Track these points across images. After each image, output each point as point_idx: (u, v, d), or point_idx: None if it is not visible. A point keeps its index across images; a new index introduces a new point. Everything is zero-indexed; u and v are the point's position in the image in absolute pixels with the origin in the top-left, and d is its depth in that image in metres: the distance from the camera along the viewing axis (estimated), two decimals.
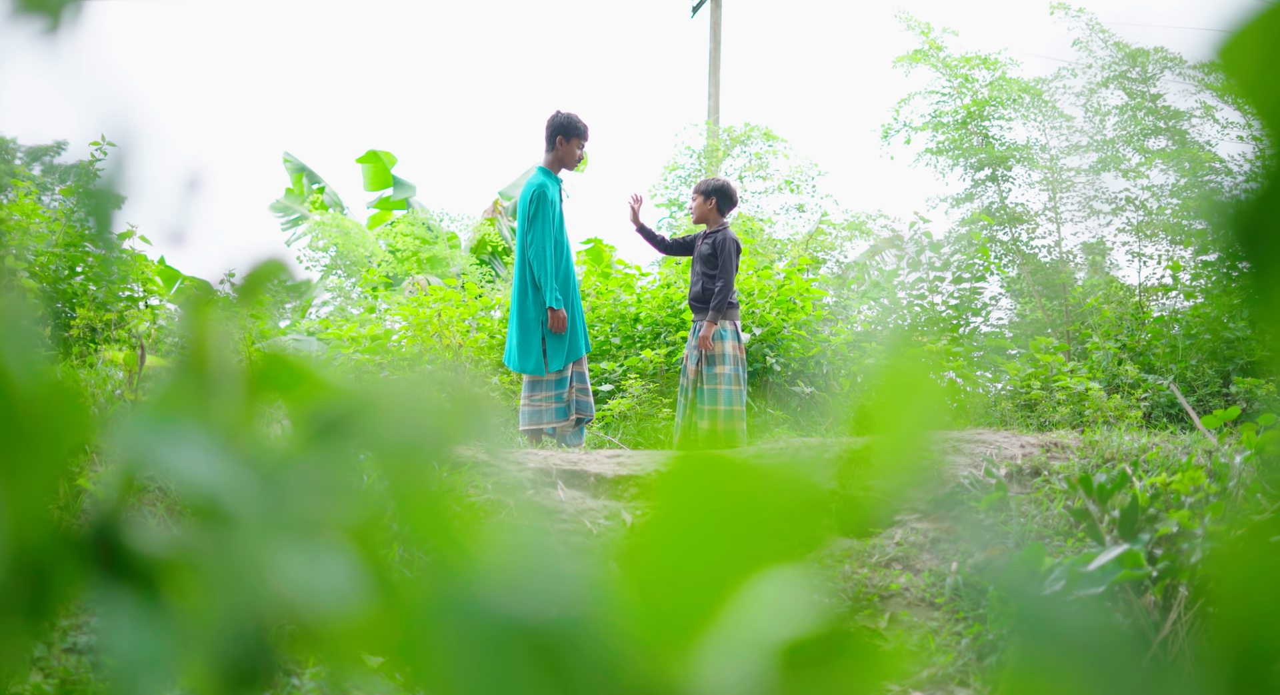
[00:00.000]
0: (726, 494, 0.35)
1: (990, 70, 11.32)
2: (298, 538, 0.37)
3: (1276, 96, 0.32)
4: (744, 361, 5.64)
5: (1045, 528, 3.31)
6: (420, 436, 0.40)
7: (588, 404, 5.53)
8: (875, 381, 0.41)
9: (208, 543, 0.38)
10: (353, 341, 8.28)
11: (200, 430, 0.40)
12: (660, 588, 0.34)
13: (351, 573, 0.37)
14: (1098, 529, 2.79)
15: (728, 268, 5.57)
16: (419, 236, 14.17)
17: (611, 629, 0.34)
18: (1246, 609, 0.33)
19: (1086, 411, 6.85)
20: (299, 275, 4.13)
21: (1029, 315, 10.79)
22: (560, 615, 0.34)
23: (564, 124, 5.53)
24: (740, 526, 0.35)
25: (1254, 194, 0.32)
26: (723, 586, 0.34)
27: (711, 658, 0.34)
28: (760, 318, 8.08)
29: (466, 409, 0.44)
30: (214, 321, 0.43)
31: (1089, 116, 10.93)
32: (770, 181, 15.31)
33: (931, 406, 0.41)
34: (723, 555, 0.34)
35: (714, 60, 16.46)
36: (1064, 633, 0.33)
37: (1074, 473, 3.55)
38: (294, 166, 15.39)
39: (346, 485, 0.39)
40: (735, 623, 0.34)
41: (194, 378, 0.42)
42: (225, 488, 0.38)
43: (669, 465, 0.35)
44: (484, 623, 0.34)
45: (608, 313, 8.54)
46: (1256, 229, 0.32)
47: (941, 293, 8.97)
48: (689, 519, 0.35)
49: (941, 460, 3.98)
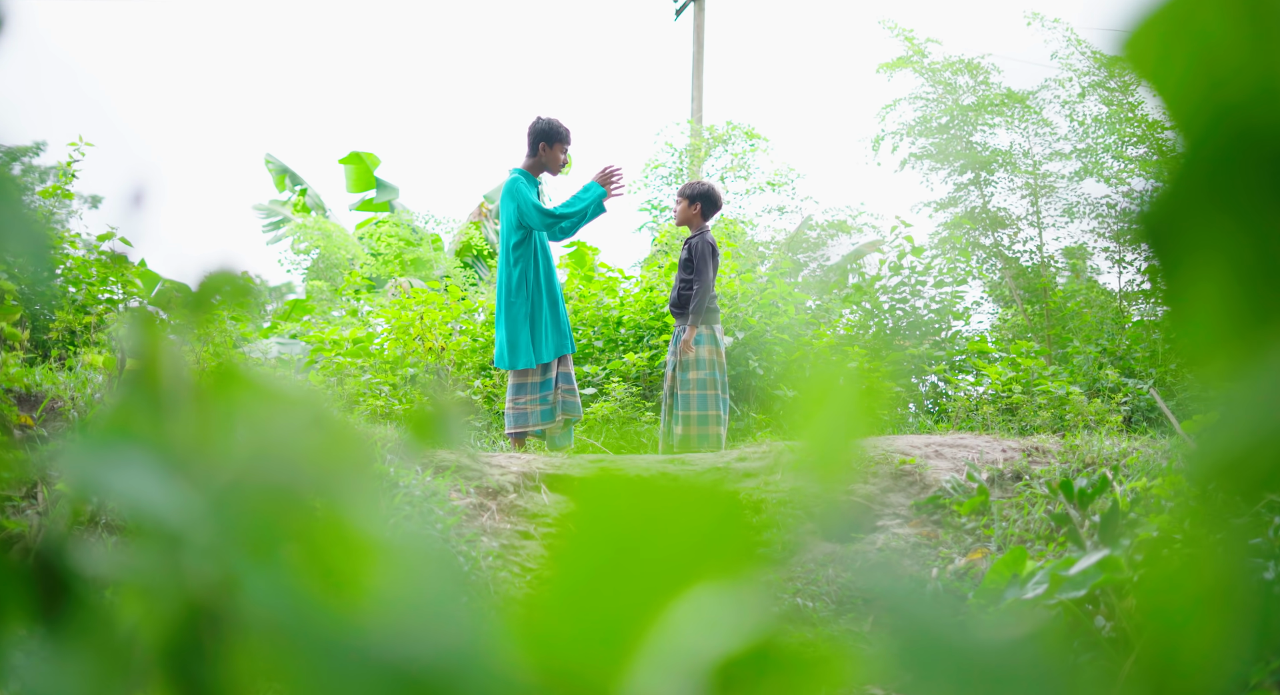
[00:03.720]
0: (643, 511, 0.33)
1: (973, 76, 11.37)
2: (243, 557, 0.36)
3: (1179, 88, 0.31)
4: (724, 366, 5.64)
5: (1027, 532, 3.32)
6: (325, 463, 0.38)
7: (574, 404, 5.53)
8: (801, 388, 0.40)
9: (154, 564, 0.37)
10: (335, 344, 8.25)
11: (148, 450, 0.39)
12: (574, 614, 0.33)
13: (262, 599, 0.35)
14: (1079, 534, 2.80)
15: (703, 272, 5.56)
16: (402, 239, 14.12)
17: (509, 663, 0.32)
18: (1162, 625, 0.33)
19: (1067, 415, 6.88)
20: (254, 283, 4.10)
21: (1010, 319, 10.84)
22: (448, 653, 0.32)
23: (546, 129, 5.52)
24: (660, 544, 0.33)
25: (1161, 192, 0.32)
26: (643, 608, 0.33)
27: (635, 682, 0.33)
28: (743, 321, 8.10)
29: (434, 415, 0.43)
30: (164, 335, 0.42)
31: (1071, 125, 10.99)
32: (752, 181, 15.33)
33: (854, 412, 0.40)
34: (643, 575, 0.33)
35: (697, 62, 16.48)
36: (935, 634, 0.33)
37: (1055, 477, 3.57)
38: (276, 168, 15.31)
39: (293, 503, 0.37)
40: (659, 644, 0.33)
41: (143, 395, 0.41)
42: (170, 509, 0.37)
43: (581, 486, 0.34)
44: (363, 666, 0.32)
45: (590, 316, 8.54)
46: (1163, 227, 0.32)
47: (923, 296, 9.00)
48: (604, 542, 0.33)
49: (921, 463, 3.99)
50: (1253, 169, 0.31)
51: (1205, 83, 0.31)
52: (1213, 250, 0.31)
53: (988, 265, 11.31)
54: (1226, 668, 0.32)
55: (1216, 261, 0.31)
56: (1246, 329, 0.31)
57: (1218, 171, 0.31)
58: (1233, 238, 0.31)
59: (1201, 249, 0.32)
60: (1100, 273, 11.48)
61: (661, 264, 8.97)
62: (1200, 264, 0.32)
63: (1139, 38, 0.32)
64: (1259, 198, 0.31)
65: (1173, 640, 0.33)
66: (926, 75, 11.55)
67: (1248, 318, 0.31)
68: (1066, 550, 2.95)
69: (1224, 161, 0.31)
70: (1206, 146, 0.31)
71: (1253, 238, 0.31)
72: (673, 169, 15.46)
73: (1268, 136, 0.30)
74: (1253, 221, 0.31)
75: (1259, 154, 0.31)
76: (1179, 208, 0.32)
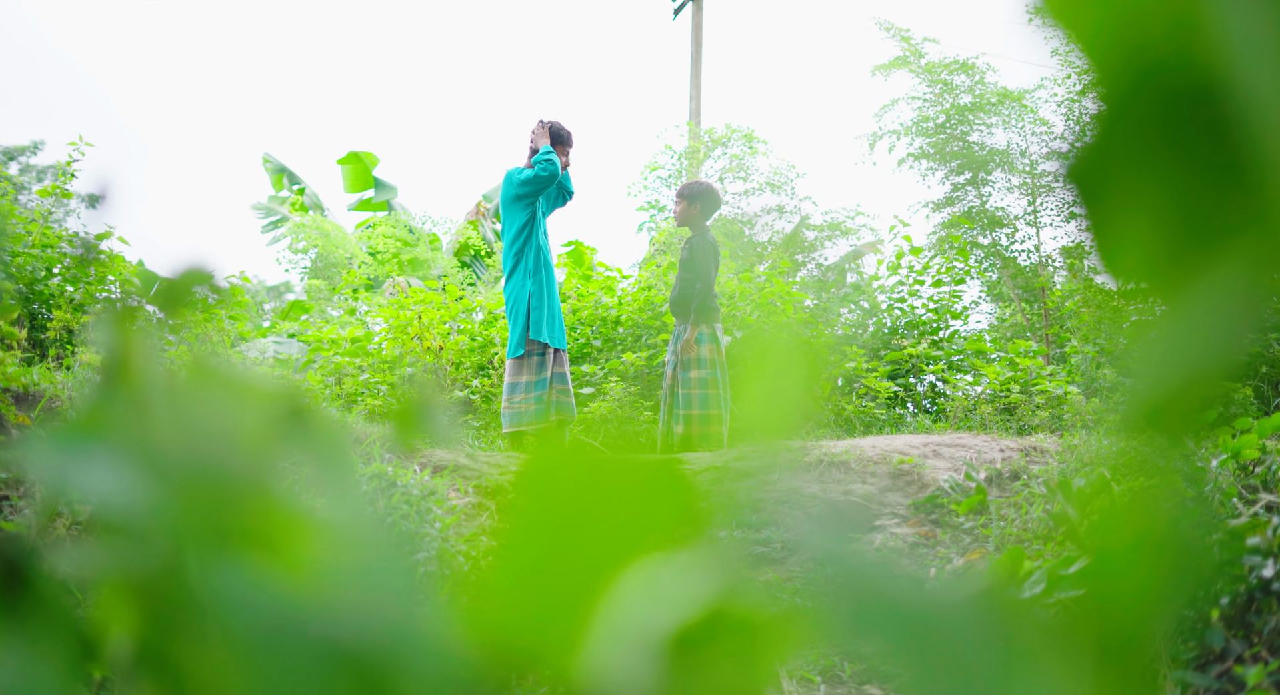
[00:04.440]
0: (584, 488, 0.34)
1: (969, 76, 11.38)
2: (215, 552, 0.36)
3: (1099, 35, 0.32)
4: (725, 365, 5.64)
5: (1025, 531, 3.33)
6: (255, 446, 0.38)
7: (569, 405, 5.54)
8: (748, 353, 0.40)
9: (126, 562, 0.36)
10: (333, 344, 8.25)
11: (121, 448, 0.39)
12: (520, 590, 0.33)
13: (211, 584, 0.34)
14: (1077, 533, 2.81)
15: (704, 271, 5.57)
16: (400, 239, 14.11)
17: (451, 639, 0.32)
18: (1103, 590, 0.34)
19: (1065, 415, 6.89)
20: (226, 282, 4.09)
21: (1008, 319, 10.84)
22: (389, 633, 0.32)
23: (548, 132, 5.53)
24: (603, 520, 0.33)
25: (1086, 143, 0.32)
26: (589, 581, 0.33)
27: (585, 654, 0.33)
28: (742, 320, 8.10)
29: (415, 412, 0.43)
30: (139, 333, 0.42)
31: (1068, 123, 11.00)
32: (750, 182, 15.34)
33: (793, 373, 0.40)
34: (588, 550, 0.33)
35: (695, 62, 16.48)
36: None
37: (1053, 477, 3.57)
38: (274, 167, 15.30)
39: (269, 494, 0.37)
40: (610, 617, 0.33)
41: (116, 394, 0.40)
42: (129, 501, 0.37)
43: (522, 468, 0.34)
44: (300, 645, 0.31)
45: (589, 315, 8.54)
46: (1089, 178, 0.32)
47: (921, 296, 9.00)
48: (547, 519, 0.33)
49: (919, 463, 4.00)
50: (1169, 117, 0.31)
51: (1124, 32, 0.31)
52: (1134, 198, 0.32)
53: (985, 265, 11.33)
54: (1162, 604, 0.33)
55: (1138, 210, 0.32)
56: (1166, 273, 0.32)
57: (1136, 120, 0.31)
58: (1151, 185, 0.32)
59: (1123, 198, 0.32)
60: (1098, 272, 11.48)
61: (660, 264, 8.97)
62: (1123, 213, 0.32)
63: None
64: (1174, 145, 0.31)
65: (1108, 580, 0.33)
66: (923, 75, 11.56)
67: (1167, 262, 0.32)
68: (1065, 550, 2.95)
69: (1141, 110, 0.31)
70: (1125, 96, 0.31)
71: (1169, 184, 0.31)
72: (671, 171, 15.47)
73: (1181, 84, 0.31)
74: (1168, 169, 0.31)
75: (1174, 102, 0.31)
76: (1102, 159, 0.32)
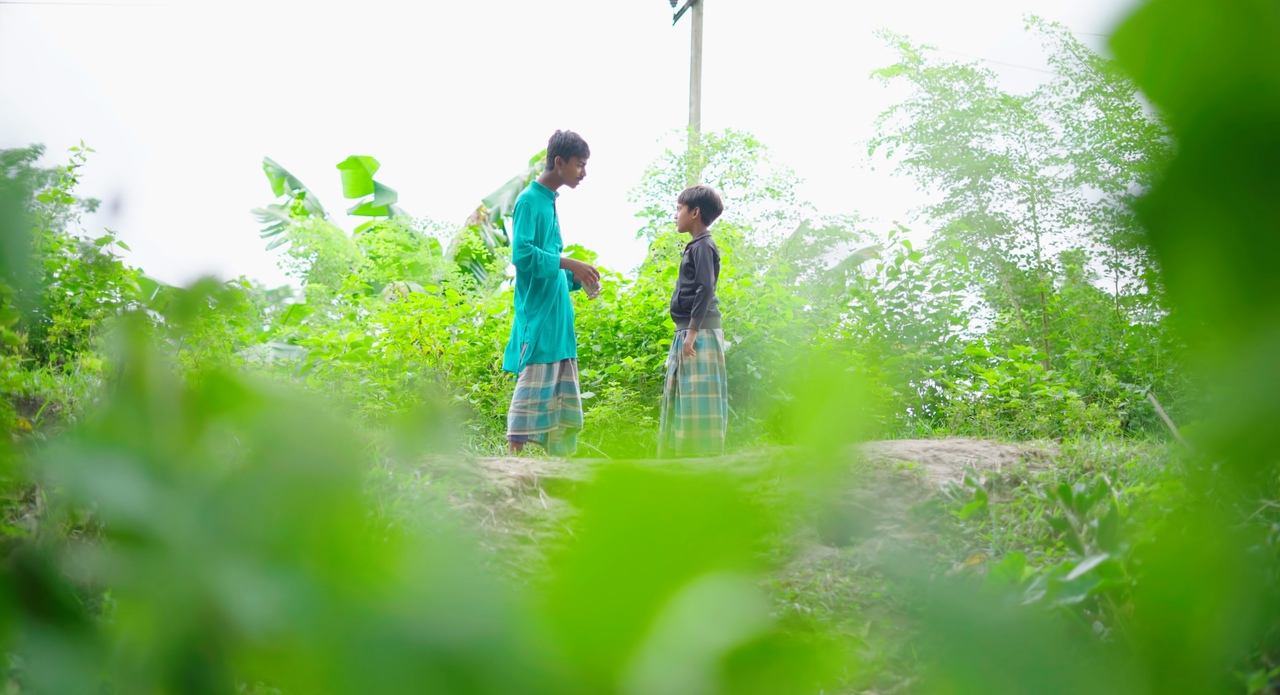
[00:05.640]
0: (651, 505, 0.34)
1: (968, 82, 11.40)
2: (230, 562, 0.37)
3: (1166, 82, 0.32)
4: (724, 370, 5.65)
5: (1025, 537, 3.33)
6: (341, 454, 0.39)
7: (575, 414, 5.54)
8: (798, 387, 0.41)
9: (145, 571, 0.37)
10: (333, 348, 8.25)
11: (137, 456, 0.39)
12: (587, 602, 0.34)
13: (277, 597, 0.36)
14: (1077, 538, 2.81)
15: (704, 275, 5.59)
16: (400, 243, 14.12)
17: (534, 649, 0.33)
18: (1163, 600, 0.34)
19: (1065, 420, 6.89)
20: (237, 289, 4.08)
21: (1008, 324, 10.85)
22: (477, 637, 0.33)
23: (562, 144, 5.57)
24: (667, 537, 0.34)
25: (1153, 182, 0.33)
26: (651, 598, 0.34)
27: (645, 670, 0.33)
28: (741, 325, 8.10)
29: (422, 420, 0.43)
30: (152, 342, 0.43)
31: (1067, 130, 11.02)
32: (750, 187, 15.36)
33: (851, 412, 0.41)
34: (651, 566, 0.34)
35: (695, 67, 16.50)
36: (983, 636, 0.33)
37: (1053, 482, 3.57)
38: (275, 171, 15.31)
39: (276, 506, 0.38)
40: (668, 634, 0.34)
41: (131, 401, 0.41)
42: (156, 514, 0.37)
43: (594, 479, 0.34)
44: (397, 647, 0.33)
45: (589, 320, 8.55)
46: (1157, 217, 0.33)
47: (921, 301, 9.01)
48: (614, 533, 0.34)
49: (919, 468, 4.00)
50: (1240, 158, 0.31)
51: (1191, 76, 0.32)
52: (1205, 237, 0.32)
53: (985, 270, 11.33)
54: (1224, 648, 0.33)
55: (1209, 247, 0.32)
56: (1240, 310, 0.32)
57: (1206, 162, 0.32)
58: (1223, 224, 0.32)
59: (1194, 236, 0.32)
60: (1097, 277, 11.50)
61: (660, 269, 8.98)
62: (1194, 251, 0.32)
63: (1124, 33, 0.32)
64: (1247, 185, 0.31)
65: (1171, 623, 0.33)
66: (922, 81, 11.58)
67: (1241, 300, 0.32)
68: (1065, 555, 2.95)
69: (1212, 152, 0.32)
70: (1195, 138, 0.32)
71: (1242, 224, 0.32)
72: (671, 176, 15.48)
73: (1253, 126, 0.31)
74: (1241, 208, 0.32)
75: (1245, 143, 0.31)
76: (1172, 198, 0.32)
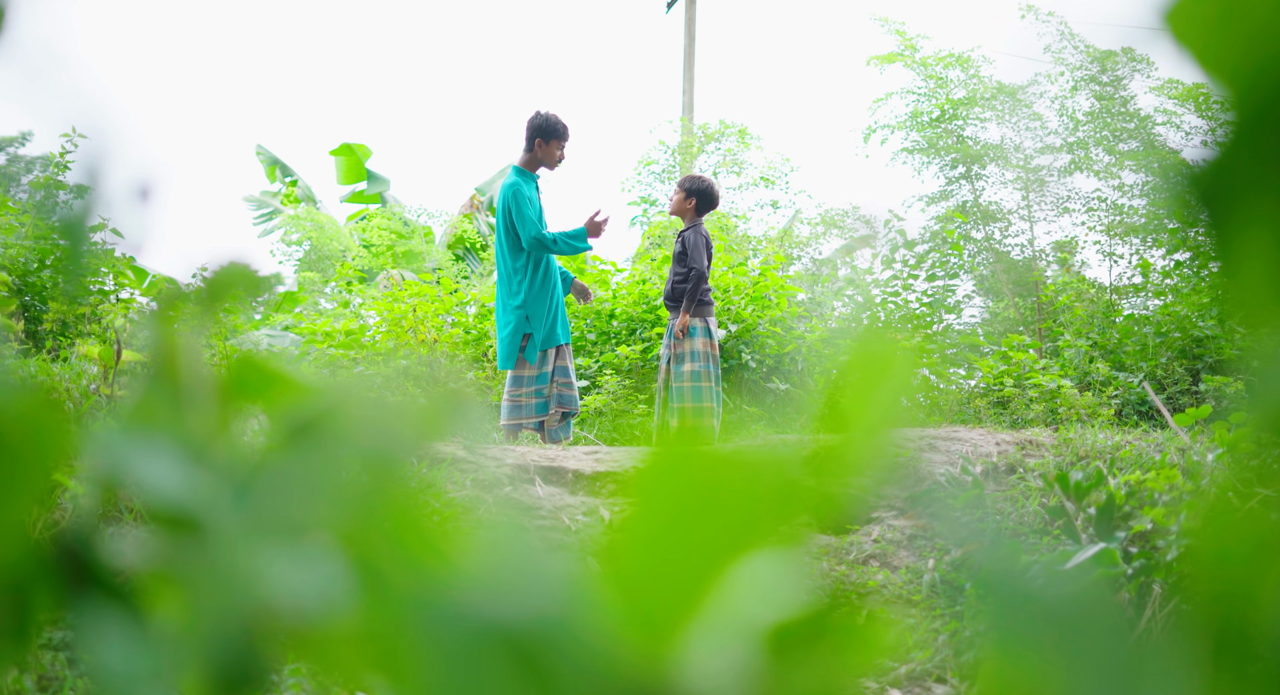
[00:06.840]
0: (703, 486, 0.34)
1: (964, 70, 11.40)
2: (276, 543, 0.37)
3: (1227, 56, 0.32)
4: (717, 358, 5.66)
5: (1021, 525, 3.34)
6: (392, 436, 0.39)
7: (572, 398, 5.53)
8: (846, 373, 0.41)
9: (186, 553, 0.37)
10: (327, 336, 8.24)
11: (174, 439, 0.39)
12: (642, 581, 0.34)
13: (334, 577, 0.36)
14: (1073, 526, 2.82)
15: (698, 258, 5.59)
16: (394, 231, 14.09)
17: (594, 626, 0.33)
18: (1221, 586, 0.34)
19: (1059, 409, 6.92)
20: (264, 275, 4.11)
21: (1002, 313, 10.87)
22: (541, 615, 0.33)
23: (542, 125, 5.52)
24: (719, 517, 0.34)
25: (1215, 154, 0.33)
26: (704, 577, 0.34)
27: (697, 646, 0.34)
28: (735, 314, 8.11)
29: (445, 404, 0.44)
30: (183, 325, 0.43)
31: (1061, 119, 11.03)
32: (745, 176, 15.35)
33: (901, 397, 0.41)
34: (703, 546, 0.34)
35: (688, 56, 16.46)
36: (1047, 625, 0.34)
37: (1049, 470, 3.59)
38: (267, 159, 15.26)
39: (326, 487, 0.38)
40: (719, 612, 0.34)
41: (166, 385, 0.41)
42: (199, 497, 0.37)
43: (647, 460, 0.35)
44: (462, 625, 0.33)
45: (583, 309, 8.54)
46: (1217, 187, 0.33)
47: (915, 290, 9.02)
48: (668, 512, 0.34)
49: (915, 456, 4.01)
50: None
51: (1251, 49, 0.32)
52: (1266, 211, 0.32)
53: (979, 259, 11.35)
54: None
55: (1271, 221, 0.32)
56: None
57: (1268, 135, 0.32)
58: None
59: (1255, 210, 0.32)
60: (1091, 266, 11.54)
61: (654, 257, 8.97)
62: (1255, 224, 0.32)
63: (1181, 9, 0.32)
64: None
65: (1234, 597, 0.33)
66: (918, 69, 11.57)
67: None
68: (1061, 543, 2.97)
69: (1273, 125, 0.32)
70: (1256, 111, 0.32)
71: None
72: (665, 165, 15.47)
73: None
74: None
75: None
76: (1232, 171, 0.32)
